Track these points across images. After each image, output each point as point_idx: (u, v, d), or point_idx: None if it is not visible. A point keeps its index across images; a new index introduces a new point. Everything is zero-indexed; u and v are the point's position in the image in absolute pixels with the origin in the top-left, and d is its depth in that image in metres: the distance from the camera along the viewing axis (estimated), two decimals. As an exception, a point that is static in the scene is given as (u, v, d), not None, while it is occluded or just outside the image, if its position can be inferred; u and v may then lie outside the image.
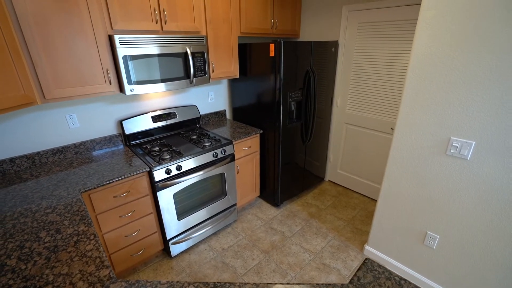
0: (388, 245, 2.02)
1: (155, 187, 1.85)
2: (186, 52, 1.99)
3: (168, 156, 1.93)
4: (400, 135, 1.72)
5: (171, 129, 2.43)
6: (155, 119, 2.28)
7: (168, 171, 1.88)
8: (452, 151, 1.51)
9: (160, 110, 2.33)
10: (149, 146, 2.13)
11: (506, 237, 1.46)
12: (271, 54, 2.25)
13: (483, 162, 1.43)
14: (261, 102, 2.54)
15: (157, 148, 2.08)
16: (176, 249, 2.15)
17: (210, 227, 2.34)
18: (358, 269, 0.94)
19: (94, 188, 1.58)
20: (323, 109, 2.88)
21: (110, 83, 1.74)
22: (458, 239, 1.64)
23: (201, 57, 2.09)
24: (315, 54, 2.49)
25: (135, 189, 1.79)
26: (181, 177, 1.97)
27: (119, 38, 1.64)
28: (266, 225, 2.58)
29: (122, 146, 2.18)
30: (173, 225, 2.06)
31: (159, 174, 1.84)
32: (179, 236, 2.14)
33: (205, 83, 2.22)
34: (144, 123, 2.22)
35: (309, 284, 0.82)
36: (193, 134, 2.39)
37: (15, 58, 1.35)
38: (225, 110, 2.96)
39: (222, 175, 2.29)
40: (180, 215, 2.09)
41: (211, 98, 2.79)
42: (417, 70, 1.53)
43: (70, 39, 1.53)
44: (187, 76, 2.06)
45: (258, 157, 2.65)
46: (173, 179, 1.93)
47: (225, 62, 2.37)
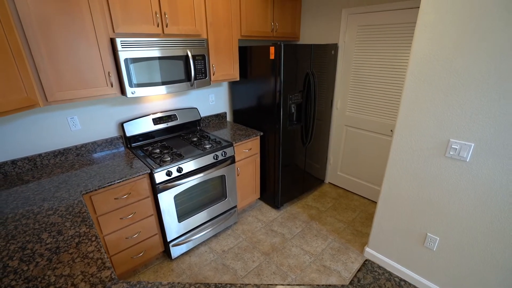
0: (389, 247, 2.03)
1: (156, 189, 1.86)
2: (187, 55, 2.00)
3: (169, 158, 1.94)
4: (400, 137, 1.73)
5: (172, 131, 2.44)
6: (156, 121, 2.29)
7: (169, 173, 1.89)
8: (452, 153, 1.52)
9: (161, 113, 2.34)
10: (150, 148, 2.14)
11: (506, 239, 1.46)
12: (271, 57, 2.26)
13: (482, 164, 1.44)
14: (262, 105, 2.55)
15: (158, 150, 2.09)
16: (177, 251, 2.15)
17: (211, 229, 2.34)
18: (358, 270, 0.94)
19: (95, 190, 1.59)
20: (323, 111, 2.89)
21: (112, 86, 1.76)
22: (458, 241, 1.64)
23: (202, 60, 2.11)
24: (315, 57, 2.50)
25: (136, 191, 1.80)
26: (182, 179, 1.98)
27: (121, 41, 1.66)
28: (267, 227, 2.58)
29: (123, 148, 2.19)
30: (174, 227, 2.06)
31: (160, 176, 1.85)
32: (180, 238, 2.14)
33: (206, 86, 2.24)
34: (145, 125, 2.23)
35: (310, 285, 0.83)
36: (194, 136, 2.40)
37: (18, 61, 1.36)
38: (226, 113, 2.98)
39: (223, 177, 2.30)
40: (181, 217, 2.09)
41: (212, 101, 2.81)
42: (416, 73, 1.55)
43: (73, 42, 1.55)
44: (188, 79, 2.07)
45: (259, 159, 2.65)
46: (174, 181, 1.94)
47: (226, 65, 2.39)
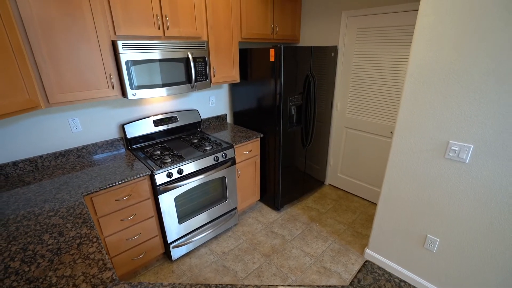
0: (389, 249, 2.03)
1: (157, 191, 1.87)
2: (188, 57, 2.02)
3: (170, 160, 1.94)
4: (400, 139, 1.73)
5: (173, 133, 2.45)
6: (157, 123, 2.30)
7: (170, 175, 1.89)
8: (451, 155, 1.52)
9: (162, 114, 2.35)
10: (151, 150, 2.14)
11: (506, 240, 1.46)
12: (272, 59, 2.28)
13: (482, 165, 1.44)
14: (262, 106, 2.56)
15: (159, 152, 2.10)
16: (177, 253, 2.16)
17: (211, 231, 2.34)
18: (358, 271, 0.95)
19: (96, 192, 1.60)
20: (323, 113, 2.90)
21: (113, 88, 1.77)
22: (458, 242, 1.64)
23: (202, 62, 2.12)
24: (315, 59, 2.51)
25: (137, 193, 1.81)
26: (182, 181, 1.98)
27: (122, 44, 1.67)
28: (267, 229, 2.58)
29: (124, 150, 2.20)
30: (174, 229, 2.07)
31: (161, 178, 1.86)
32: (180, 240, 2.14)
33: (206, 88, 2.25)
34: (146, 127, 2.24)
35: (310, 286, 0.83)
36: (194, 138, 2.41)
37: (20, 63, 1.37)
38: (226, 114, 2.99)
39: (223, 179, 2.30)
40: (181, 219, 2.10)
41: (212, 103, 2.82)
42: (416, 75, 1.56)
43: (74, 44, 1.56)
44: (189, 81, 2.09)
45: (259, 161, 2.66)
46: (174, 183, 1.94)
47: (226, 67, 2.40)
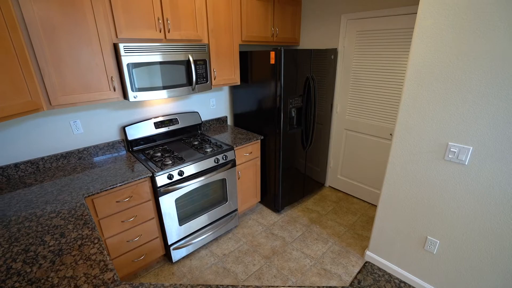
0: (389, 250, 2.03)
1: (157, 192, 1.87)
2: (189, 60, 2.03)
3: (170, 162, 1.95)
4: (399, 141, 1.74)
5: (173, 135, 2.46)
6: (158, 125, 2.31)
7: (170, 177, 1.90)
8: (450, 157, 1.53)
9: (163, 116, 2.36)
10: (151, 152, 2.15)
11: (506, 242, 1.47)
12: (272, 62, 2.29)
13: (481, 167, 1.45)
14: (262, 109, 2.57)
15: (159, 154, 2.11)
16: (177, 255, 2.16)
17: (211, 233, 2.34)
18: (359, 272, 0.95)
19: (97, 193, 1.60)
20: (323, 115, 2.91)
21: (115, 90, 1.78)
22: (459, 244, 1.65)
23: (203, 65, 2.14)
24: (315, 62, 2.53)
25: (138, 194, 1.81)
26: (183, 183, 1.99)
27: (124, 46, 1.68)
28: (267, 231, 2.58)
29: (125, 152, 2.21)
30: (175, 231, 2.07)
31: (161, 180, 1.86)
32: (181, 242, 2.15)
33: (207, 90, 2.26)
34: (147, 129, 2.25)
35: (310, 286, 0.84)
36: (195, 140, 2.42)
37: (23, 65, 1.38)
38: (226, 117, 3.00)
39: (223, 181, 2.31)
40: (182, 221, 2.10)
41: (213, 105, 2.83)
42: (415, 77, 1.57)
43: (76, 46, 1.58)
44: (189, 83, 2.10)
45: (259, 163, 2.67)
46: (175, 185, 1.95)
47: (227, 70, 2.42)
